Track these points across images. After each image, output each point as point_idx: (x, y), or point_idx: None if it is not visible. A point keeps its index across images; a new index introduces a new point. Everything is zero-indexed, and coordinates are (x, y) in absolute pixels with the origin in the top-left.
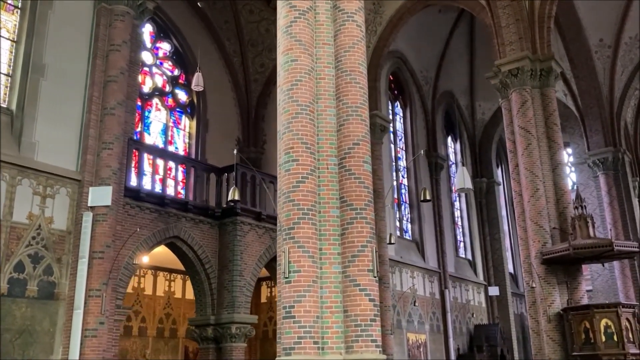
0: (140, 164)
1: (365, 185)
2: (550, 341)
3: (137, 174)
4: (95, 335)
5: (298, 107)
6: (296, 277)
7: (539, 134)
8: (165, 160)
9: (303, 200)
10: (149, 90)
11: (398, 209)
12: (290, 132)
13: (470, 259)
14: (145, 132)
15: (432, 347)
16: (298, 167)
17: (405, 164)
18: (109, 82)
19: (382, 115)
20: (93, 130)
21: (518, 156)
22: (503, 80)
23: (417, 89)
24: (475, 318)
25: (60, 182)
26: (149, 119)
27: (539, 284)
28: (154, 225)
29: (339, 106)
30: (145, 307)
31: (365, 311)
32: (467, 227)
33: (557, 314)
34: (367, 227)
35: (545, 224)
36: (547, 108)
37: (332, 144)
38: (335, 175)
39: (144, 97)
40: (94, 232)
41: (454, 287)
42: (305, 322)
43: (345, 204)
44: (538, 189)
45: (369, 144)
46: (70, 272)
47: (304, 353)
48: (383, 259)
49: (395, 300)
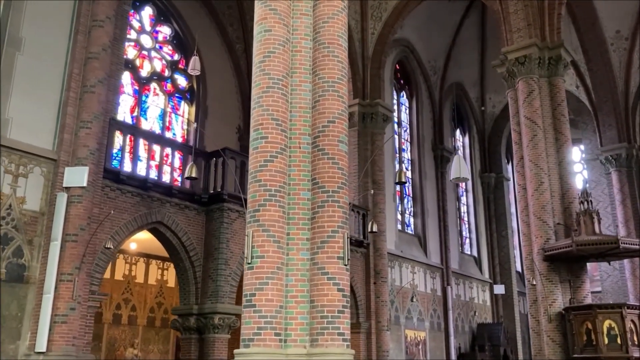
0: (123, 146)
1: (339, 167)
2: (551, 342)
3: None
4: (65, 322)
5: (270, 80)
6: (259, 263)
7: (546, 126)
8: (150, 143)
9: (270, 181)
10: (147, 75)
11: (400, 202)
12: (260, 107)
13: (475, 256)
14: (142, 117)
15: (432, 345)
16: (267, 145)
17: (410, 156)
18: (89, 59)
19: (385, 104)
20: (71, 109)
21: (523, 148)
22: (510, 68)
23: (425, 79)
24: (479, 317)
25: (35, 161)
26: (147, 104)
27: (540, 281)
28: (135, 210)
29: (314, 81)
30: (136, 295)
31: (332, 302)
32: (474, 223)
33: (558, 314)
34: (339, 211)
35: (549, 219)
36: (555, 98)
37: (306, 122)
38: (308, 155)
39: (142, 81)
40: (68, 214)
41: (457, 284)
42: (266, 312)
43: (317, 186)
44: (542, 182)
45: (346, 122)
46: (42, 255)
47: (263, 345)
48: (381, 252)
49: (393, 295)
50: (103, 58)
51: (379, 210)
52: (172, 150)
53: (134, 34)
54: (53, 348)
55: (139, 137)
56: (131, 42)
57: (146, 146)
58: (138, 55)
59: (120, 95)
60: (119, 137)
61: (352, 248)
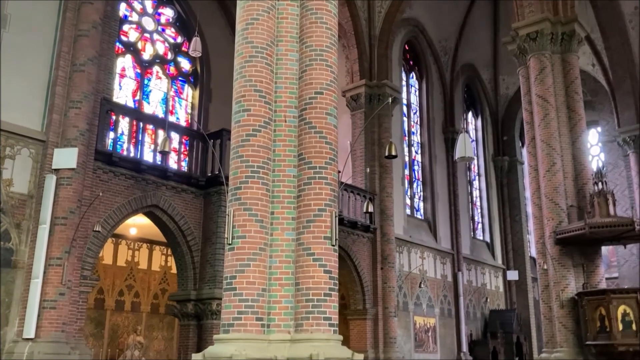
0: (115, 127)
1: (327, 141)
2: (563, 328)
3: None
4: (54, 307)
5: (253, 49)
6: (240, 244)
7: (558, 104)
8: (144, 124)
9: (253, 157)
10: (150, 58)
11: (410, 186)
12: (243, 77)
13: (488, 241)
14: (145, 100)
15: (442, 332)
16: (249, 118)
17: (420, 139)
18: (79, 37)
19: (392, 85)
20: (60, 88)
21: (535, 128)
22: (521, 45)
23: (435, 60)
24: (492, 303)
25: (22, 142)
26: (149, 88)
27: (552, 266)
28: (129, 193)
29: (302, 50)
30: (139, 281)
31: (318, 284)
32: (486, 208)
33: (570, 299)
34: (326, 189)
35: (562, 201)
36: (569, 75)
37: (293, 93)
38: (294, 129)
39: (144, 64)
40: (57, 196)
41: (469, 270)
42: (247, 296)
43: (304, 161)
44: (555, 163)
45: (335, 94)
46: (31, 239)
47: (243, 330)
48: (388, 237)
49: (401, 281)
50: (93, 35)
51: (386, 194)
52: (167, 132)
53: (136, 17)
54: (42, 334)
55: (133, 118)
56: (133, 25)
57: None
58: (140, 38)
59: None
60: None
61: (359, 233)
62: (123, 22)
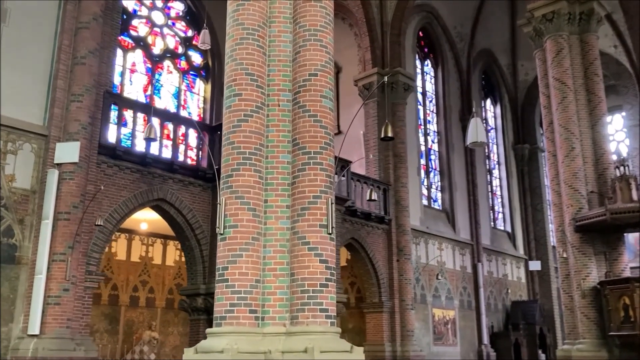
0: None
1: (322, 125)
2: (585, 319)
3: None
4: (58, 303)
5: (244, 31)
6: (232, 234)
7: (577, 86)
8: (149, 116)
9: (245, 143)
10: (160, 52)
11: (426, 176)
12: (234, 61)
13: (509, 231)
14: (156, 95)
15: (462, 324)
16: (240, 103)
17: (436, 128)
18: (80, 29)
19: (405, 72)
20: (62, 82)
21: (552, 112)
22: (537, 26)
23: (450, 46)
24: (513, 294)
25: (24, 137)
26: (160, 82)
27: (572, 254)
28: (135, 187)
29: (295, 30)
30: (153, 277)
31: (314, 274)
32: (507, 197)
33: (592, 289)
34: (321, 175)
35: (582, 187)
36: (587, 56)
37: (286, 76)
38: (288, 114)
39: (154, 59)
40: (60, 191)
41: (489, 261)
42: (240, 287)
43: (298, 147)
44: (574, 147)
45: (331, 75)
46: (34, 235)
47: (236, 323)
48: (404, 228)
49: (419, 273)
50: (94, 28)
51: (401, 185)
52: (173, 125)
53: (145, 11)
54: (46, 330)
55: (137, 111)
56: (142, 19)
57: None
58: (150, 32)
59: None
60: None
61: (373, 224)
62: (132, 17)
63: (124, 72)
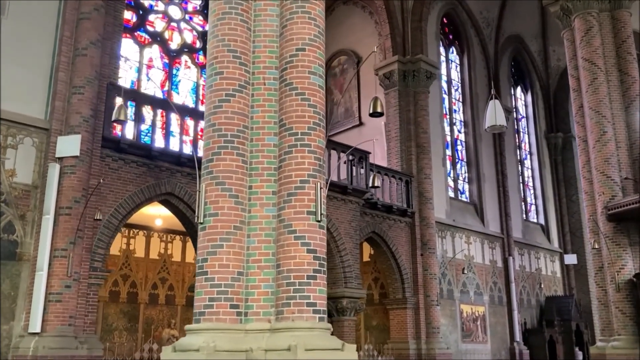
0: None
1: (310, 103)
2: (620, 314)
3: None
4: (59, 300)
5: (226, 5)
6: (212, 223)
7: (608, 66)
8: (154, 109)
9: (226, 125)
10: (177, 47)
11: (453, 168)
12: (215, 37)
13: (542, 224)
14: (174, 91)
15: (493, 321)
16: (222, 82)
17: (462, 117)
18: (81, 20)
19: (427, 59)
20: (63, 74)
21: (582, 94)
22: (564, 4)
23: (477, 32)
24: (548, 289)
25: (25, 131)
26: (178, 78)
27: (605, 245)
28: (141, 181)
29: (282, 3)
30: (173, 274)
31: (301, 265)
32: (540, 188)
33: (628, 282)
34: (309, 157)
35: (614, 174)
36: (620, 34)
37: (273, 53)
38: (275, 93)
39: (172, 54)
40: (61, 185)
41: (521, 255)
42: (220, 280)
43: (284, 128)
44: (605, 131)
45: (321, 50)
46: (36, 231)
47: (215, 319)
48: (428, 221)
49: (445, 268)
50: (95, 18)
51: (424, 176)
52: (181, 116)
53: (162, 6)
54: (48, 328)
55: (142, 103)
56: (159, 15)
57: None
58: (167, 27)
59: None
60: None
61: (395, 218)
62: (149, 12)
63: (141, 68)
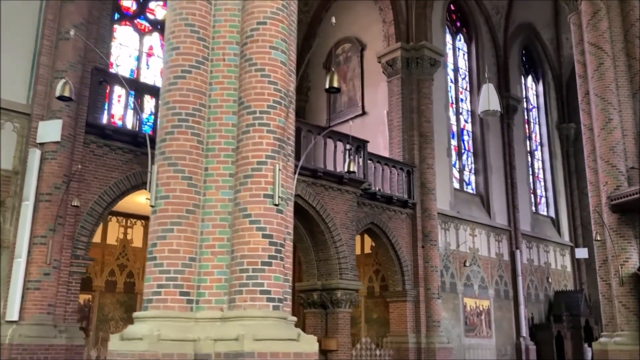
0: (110, 98)
1: (271, 80)
2: (623, 308)
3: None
4: (38, 288)
5: None
6: (163, 206)
7: (615, 52)
8: (141, 94)
9: (181, 103)
10: None
11: (458, 158)
12: (173, 11)
13: (552, 217)
14: None
15: (498, 315)
16: (178, 58)
17: (469, 107)
18: (65, 2)
19: (432, 47)
20: (46, 58)
21: (588, 80)
22: None
23: (485, 20)
24: (557, 284)
25: (6, 115)
26: None
27: (609, 237)
28: (127, 168)
29: None
30: None
31: (255, 251)
32: (550, 181)
33: (632, 275)
34: (268, 137)
35: (620, 163)
36: (628, 18)
37: (234, 27)
38: (235, 70)
39: None
40: (42, 171)
41: (529, 248)
42: (169, 266)
43: (243, 106)
44: (611, 119)
45: (284, 24)
46: (16, 217)
47: (163, 307)
48: (430, 213)
49: (448, 260)
50: (80, 2)
51: (427, 166)
52: None
53: None
54: (25, 316)
55: (130, 89)
56: (159, 2)
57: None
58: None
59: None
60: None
61: (395, 209)
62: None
63: (141, 56)
